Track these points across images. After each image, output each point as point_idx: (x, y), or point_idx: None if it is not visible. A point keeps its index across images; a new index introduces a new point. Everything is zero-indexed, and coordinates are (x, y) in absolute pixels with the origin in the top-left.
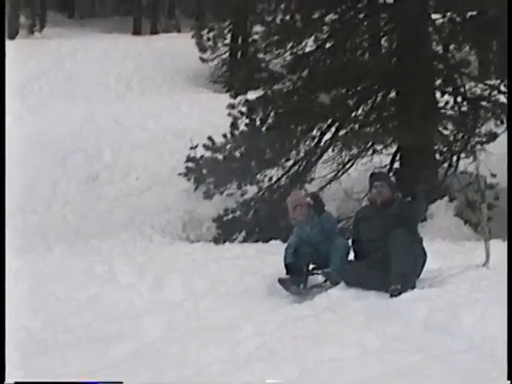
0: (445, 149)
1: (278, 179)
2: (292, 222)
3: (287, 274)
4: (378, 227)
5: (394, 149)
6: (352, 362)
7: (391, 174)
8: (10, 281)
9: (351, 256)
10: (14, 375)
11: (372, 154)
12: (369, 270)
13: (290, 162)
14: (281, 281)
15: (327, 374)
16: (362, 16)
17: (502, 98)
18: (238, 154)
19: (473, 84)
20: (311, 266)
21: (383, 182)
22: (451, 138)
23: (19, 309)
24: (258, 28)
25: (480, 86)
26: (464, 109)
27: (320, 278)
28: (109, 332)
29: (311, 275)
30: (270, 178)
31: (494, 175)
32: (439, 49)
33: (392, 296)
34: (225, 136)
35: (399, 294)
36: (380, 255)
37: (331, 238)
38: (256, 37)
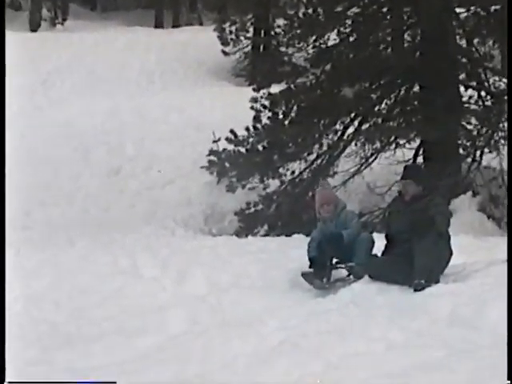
0: (468, 143)
1: (301, 173)
2: (317, 216)
3: (310, 267)
4: (406, 220)
5: (417, 143)
6: (377, 356)
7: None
8: (32, 274)
9: (376, 249)
10: (37, 370)
11: (395, 148)
12: (393, 264)
13: (313, 156)
14: (304, 275)
15: (352, 369)
16: (385, 10)
17: None
18: (260, 147)
19: (497, 78)
20: (334, 260)
21: (410, 180)
22: (475, 132)
23: (42, 302)
24: (280, 21)
25: (504, 80)
26: (488, 103)
27: (343, 272)
28: (133, 325)
29: (335, 269)
30: (293, 172)
31: None
32: (463, 43)
33: (416, 290)
34: (247, 129)
35: (423, 288)
36: (406, 249)
37: (357, 228)
38: (278, 30)
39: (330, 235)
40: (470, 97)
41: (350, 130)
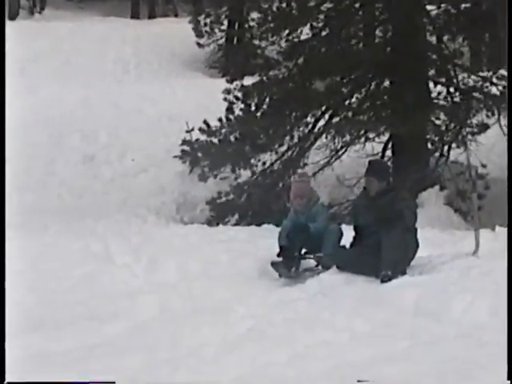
0: (436, 138)
1: (272, 164)
2: (289, 205)
3: (279, 256)
4: (373, 214)
5: (386, 137)
6: (342, 346)
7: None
8: (6, 259)
9: (345, 240)
10: (10, 353)
11: (364, 142)
12: (360, 256)
13: (284, 148)
14: (273, 264)
15: (317, 358)
16: (357, 5)
17: (494, 90)
18: (232, 138)
19: (465, 75)
20: (303, 250)
21: (372, 177)
22: (443, 127)
23: (15, 286)
24: (254, 14)
25: (472, 77)
26: (456, 99)
27: (312, 262)
28: (104, 310)
29: (303, 259)
30: (264, 163)
31: (484, 165)
32: (433, 39)
33: (382, 282)
34: (220, 120)
35: (389, 279)
36: (373, 241)
37: (324, 223)
38: (252, 23)
39: (300, 226)
40: (439, 93)
41: (321, 122)
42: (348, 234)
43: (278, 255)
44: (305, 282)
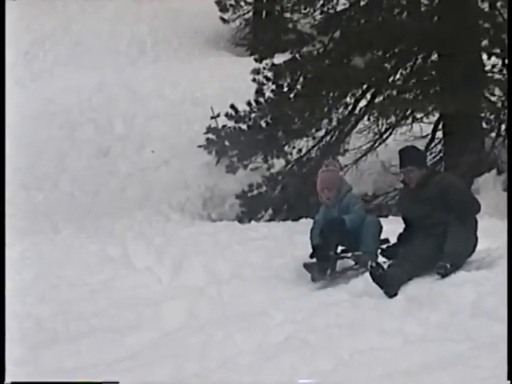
0: (492, 116)
1: (308, 151)
2: (319, 200)
3: (311, 257)
4: (417, 207)
5: (435, 117)
6: (392, 352)
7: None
8: (14, 266)
9: (387, 234)
10: (21, 371)
11: (412, 123)
12: (420, 245)
13: (321, 133)
14: (306, 266)
15: (365, 366)
16: None
17: None
18: (263, 123)
19: None
20: (340, 248)
21: (410, 166)
22: (499, 104)
23: (25, 296)
24: None
25: None
26: None
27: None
28: (125, 320)
29: (340, 259)
30: (299, 150)
31: None
32: (485, 6)
33: (438, 274)
34: (249, 104)
35: (446, 274)
36: (427, 235)
37: (360, 215)
38: None
39: (332, 221)
40: (494, 65)
41: (362, 103)
42: (392, 226)
43: (311, 256)
44: (348, 282)
